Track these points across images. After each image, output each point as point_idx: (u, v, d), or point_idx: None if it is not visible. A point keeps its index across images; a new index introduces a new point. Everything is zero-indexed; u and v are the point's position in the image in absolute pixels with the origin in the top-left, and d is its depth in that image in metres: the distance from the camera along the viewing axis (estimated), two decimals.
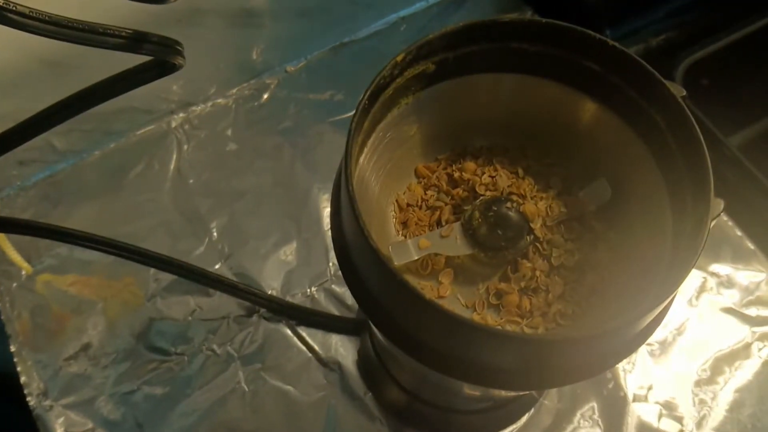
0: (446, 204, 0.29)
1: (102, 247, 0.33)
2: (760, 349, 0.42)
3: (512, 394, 0.34)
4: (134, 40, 0.16)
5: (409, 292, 0.19)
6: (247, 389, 0.40)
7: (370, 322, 0.24)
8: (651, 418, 0.39)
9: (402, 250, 0.25)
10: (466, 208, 0.28)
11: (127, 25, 0.43)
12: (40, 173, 0.48)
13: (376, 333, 0.30)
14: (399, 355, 0.28)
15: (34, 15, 0.14)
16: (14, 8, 0.14)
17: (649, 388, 0.40)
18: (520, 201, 0.29)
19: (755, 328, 0.42)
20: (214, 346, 0.42)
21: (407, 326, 0.21)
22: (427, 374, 0.28)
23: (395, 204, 0.29)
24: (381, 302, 0.22)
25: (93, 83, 0.19)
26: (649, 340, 0.26)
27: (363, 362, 0.39)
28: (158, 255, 0.36)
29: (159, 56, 0.17)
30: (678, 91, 0.24)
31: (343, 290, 0.43)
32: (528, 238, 0.27)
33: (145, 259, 0.35)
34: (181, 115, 0.50)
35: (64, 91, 0.48)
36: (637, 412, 0.40)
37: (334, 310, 0.43)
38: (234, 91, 0.52)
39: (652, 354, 0.41)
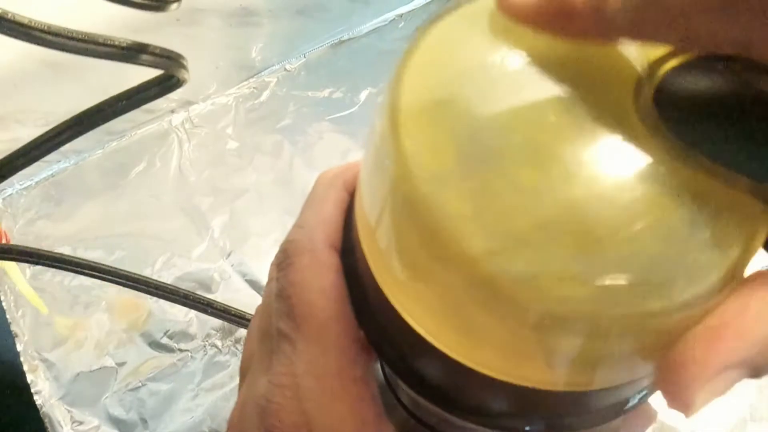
0: None
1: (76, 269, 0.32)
2: None
3: None
4: (135, 51, 0.16)
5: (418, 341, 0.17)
6: None
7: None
8: None
9: None
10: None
11: (128, 25, 0.43)
12: (42, 172, 0.49)
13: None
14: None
15: (33, 25, 0.14)
16: (12, 18, 0.14)
17: None
18: None
19: None
20: (217, 342, 0.42)
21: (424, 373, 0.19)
22: (433, 409, 0.26)
23: None
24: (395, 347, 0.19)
25: (96, 103, 0.19)
26: None
27: None
28: (136, 276, 0.35)
29: (161, 68, 0.17)
30: None
31: None
32: None
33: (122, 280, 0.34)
34: (182, 113, 0.51)
35: (64, 91, 0.48)
36: None
37: None
38: (234, 89, 0.52)
39: None
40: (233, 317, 0.40)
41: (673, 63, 0.15)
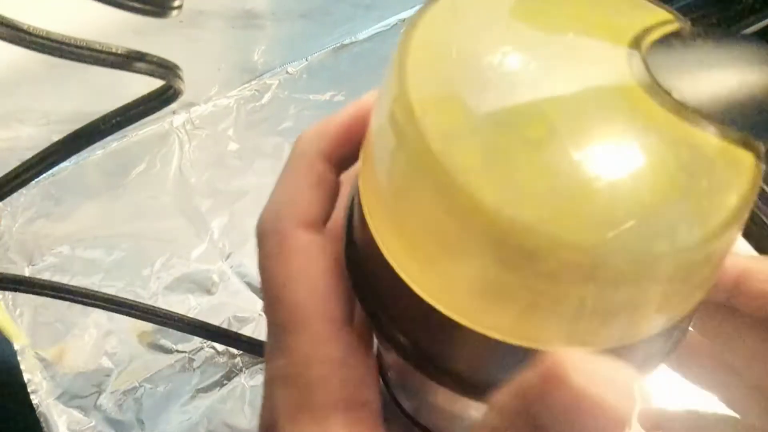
0: None
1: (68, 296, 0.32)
2: None
3: None
4: (131, 59, 0.16)
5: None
6: (247, 387, 0.41)
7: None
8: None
9: None
10: None
11: (131, 26, 0.43)
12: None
13: (384, 357, 0.28)
14: (407, 382, 0.26)
15: (32, 31, 0.14)
16: (11, 23, 0.14)
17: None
18: None
19: None
20: (215, 345, 0.42)
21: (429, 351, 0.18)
22: (433, 401, 0.26)
23: None
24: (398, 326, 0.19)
25: (95, 119, 0.19)
26: None
27: None
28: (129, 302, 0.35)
29: (156, 77, 0.17)
30: None
31: None
32: None
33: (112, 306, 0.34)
34: (183, 114, 0.51)
35: (65, 90, 0.48)
36: None
37: None
38: (235, 91, 0.52)
39: None
40: (227, 339, 0.40)
41: (663, 30, 0.16)
